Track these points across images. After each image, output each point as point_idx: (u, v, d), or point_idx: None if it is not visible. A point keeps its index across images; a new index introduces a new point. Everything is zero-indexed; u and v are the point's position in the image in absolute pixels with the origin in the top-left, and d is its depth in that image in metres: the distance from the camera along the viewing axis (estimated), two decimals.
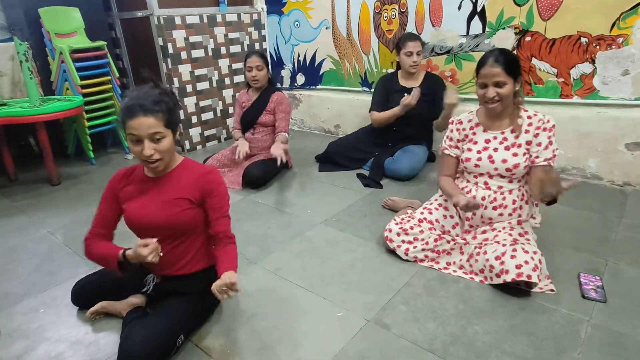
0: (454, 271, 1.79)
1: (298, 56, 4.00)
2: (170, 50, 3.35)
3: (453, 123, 1.91)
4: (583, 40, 2.48)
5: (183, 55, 3.45)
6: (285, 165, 3.01)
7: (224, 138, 3.96)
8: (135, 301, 1.55)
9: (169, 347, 1.36)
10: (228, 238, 1.45)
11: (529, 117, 1.73)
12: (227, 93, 3.88)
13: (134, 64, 3.80)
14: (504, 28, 2.74)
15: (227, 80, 3.85)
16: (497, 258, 1.63)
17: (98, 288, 1.60)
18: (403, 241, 1.87)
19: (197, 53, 3.55)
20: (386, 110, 2.85)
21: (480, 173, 1.82)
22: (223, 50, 3.74)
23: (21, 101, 2.99)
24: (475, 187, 1.84)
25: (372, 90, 3.24)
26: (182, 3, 3.50)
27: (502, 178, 1.78)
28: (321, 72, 3.89)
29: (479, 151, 1.80)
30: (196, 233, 1.50)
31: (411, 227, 1.87)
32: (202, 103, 3.69)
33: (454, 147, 1.91)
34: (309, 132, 4.15)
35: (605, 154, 2.55)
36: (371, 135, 3.06)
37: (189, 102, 3.58)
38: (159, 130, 1.31)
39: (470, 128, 1.85)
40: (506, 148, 1.75)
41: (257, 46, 4.04)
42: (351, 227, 2.21)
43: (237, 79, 3.91)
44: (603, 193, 2.47)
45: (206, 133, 3.80)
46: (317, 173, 3.00)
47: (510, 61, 1.65)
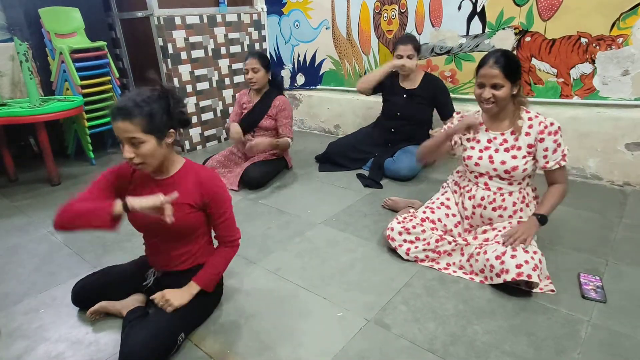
0: (454, 271, 1.79)
1: (298, 56, 4.00)
2: (170, 50, 3.36)
3: (459, 114, 1.93)
4: (583, 40, 2.48)
5: (183, 55, 3.45)
6: (285, 165, 3.03)
7: (224, 138, 3.96)
8: (135, 301, 1.55)
9: (170, 346, 1.36)
10: (229, 242, 1.51)
11: (530, 119, 1.72)
12: (227, 93, 3.88)
13: (134, 64, 3.81)
14: (504, 28, 2.74)
15: (227, 80, 3.85)
16: (498, 258, 1.63)
17: (98, 288, 1.60)
18: (405, 240, 1.87)
19: (197, 53, 3.55)
20: (374, 93, 3.01)
21: (480, 173, 1.82)
22: (223, 50, 3.75)
23: (21, 101, 2.99)
24: (475, 187, 1.84)
25: None
26: (182, 3, 3.50)
27: (502, 180, 1.78)
28: (321, 73, 3.90)
29: (481, 150, 1.80)
30: (198, 235, 1.50)
31: (413, 227, 1.86)
32: (202, 103, 3.69)
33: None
34: (309, 132, 4.15)
35: (605, 154, 2.55)
36: (371, 135, 3.06)
37: (189, 103, 3.58)
38: (135, 135, 1.27)
39: None
40: (506, 150, 1.75)
41: (257, 46, 4.04)
42: (351, 227, 2.21)
43: (237, 79, 3.91)
44: (603, 193, 2.47)
45: (206, 133, 3.80)
46: (317, 173, 3.00)
47: (510, 64, 1.65)
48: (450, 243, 1.83)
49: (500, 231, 1.77)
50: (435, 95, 2.80)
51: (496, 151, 1.77)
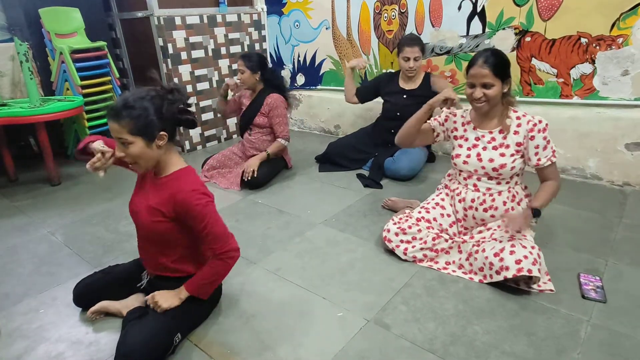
0: (453, 271, 1.79)
1: (298, 56, 4.00)
2: (170, 50, 3.36)
3: (449, 110, 1.93)
4: (583, 40, 2.48)
5: (183, 55, 3.45)
6: (284, 165, 3.03)
7: (224, 138, 3.96)
8: (135, 301, 1.55)
9: (167, 346, 1.37)
10: (218, 254, 1.40)
11: (518, 118, 1.73)
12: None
13: (134, 65, 3.80)
14: (504, 28, 2.74)
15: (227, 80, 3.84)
16: (496, 255, 1.63)
17: (99, 288, 1.60)
18: (402, 241, 1.87)
19: (197, 53, 3.55)
20: (367, 100, 3.11)
21: (469, 174, 1.83)
22: (223, 50, 3.75)
23: (21, 101, 2.99)
24: (465, 190, 1.86)
25: None
26: (182, 3, 3.51)
27: (490, 180, 1.79)
28: (321, 73, 3.90)
29: (469, 148, 1.82)
30: (178, 245, 1.46)
31: (409, 227, 1.87)
32: (202, 103, 3.69)
33: (440, 125, 1.94)
34: (309, 133, 4.15)
35: (605, 154, 2.55)
36: (371, 135, 3.06)
37: (189, 103, 3.57)
38: (123, 136, 1.29)
39: (462, 124, 1.87)
40: (494, 148, 1.76)
41: (257, 47, 4.04)
42: (351, 227, 2.21)
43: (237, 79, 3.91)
44: (603, 193, 2.47)
45: (206, 133, 3.80)
46: (317, 173, 3.01)
47: (499, 63, 1.65)
48: (447, 240, 1.84)
49: (495, 230, 1.78)
50: (434, 93, 2.80)
51: (484, 149, 1.78)
